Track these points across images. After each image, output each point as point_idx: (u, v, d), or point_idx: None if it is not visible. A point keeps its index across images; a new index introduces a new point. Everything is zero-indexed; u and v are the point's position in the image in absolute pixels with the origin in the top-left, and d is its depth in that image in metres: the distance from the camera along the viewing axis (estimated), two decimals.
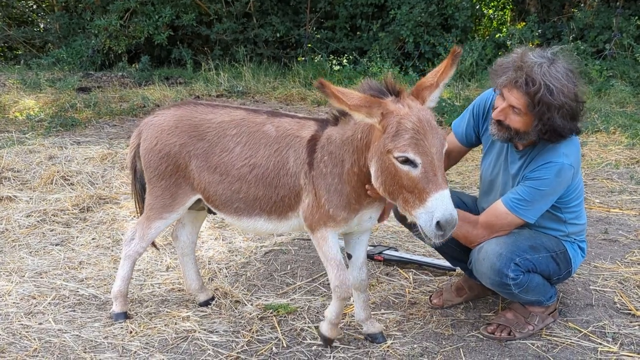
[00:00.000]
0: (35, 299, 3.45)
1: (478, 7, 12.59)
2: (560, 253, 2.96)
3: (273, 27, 12.46)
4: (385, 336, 3.02)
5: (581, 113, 2.74)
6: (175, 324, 3.18)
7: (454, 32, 11.41)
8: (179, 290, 3.60)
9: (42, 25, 14.41)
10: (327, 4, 12.52)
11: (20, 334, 3.08)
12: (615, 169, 5.89)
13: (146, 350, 2.94)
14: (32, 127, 7.59)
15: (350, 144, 2.59)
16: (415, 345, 2.95)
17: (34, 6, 14.66)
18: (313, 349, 2.95)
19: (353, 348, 2.95)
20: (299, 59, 12.48)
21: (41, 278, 3.72)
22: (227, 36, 12.44)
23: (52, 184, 5.38)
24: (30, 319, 3.24)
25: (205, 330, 3.12)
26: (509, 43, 10.79)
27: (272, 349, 2.95)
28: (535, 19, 11.40)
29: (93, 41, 12.17)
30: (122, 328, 3.14)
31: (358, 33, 12.47)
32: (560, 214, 2.93)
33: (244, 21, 12.64)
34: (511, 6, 13.36)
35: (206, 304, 3.40)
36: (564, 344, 2.94)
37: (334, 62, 12.15)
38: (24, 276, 3.73)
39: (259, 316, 3.27)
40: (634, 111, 8.18)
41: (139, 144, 3.10)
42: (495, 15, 13.40)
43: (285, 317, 3.26)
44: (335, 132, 2.67)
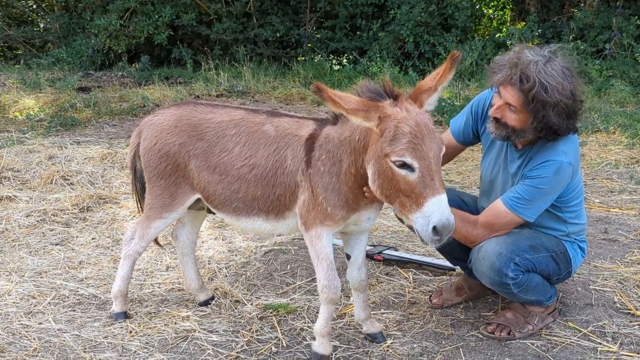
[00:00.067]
0: (35, 298, 3.45)
1: (478, 7, 12.60)
2: (560, 253, 2.96)
3: (273, 27, 12.47)
4: (385, 336, 3.02)
5: (579, 112, 2.74)
6: (175, 323, 3.18)
7: (454, 32, 11.41)
8: (179, 290, 3.60)
9: (42, 25, 14.42)
10: (327, 4, 12.52)
11: (20, 333, 3.08)
12: (615, 169, 5.89)
13: (146, 350, 2.94)
14: (32, 127, 7.59)
15: (348, 144, 2.59)
16: (415, 345, 2.95)
17: (34, 6, 14.66)
18: None
19: (353, 348, 2.95)
20: (298, 59, 12.48)
21: (41, 278, 3.72)
22: (227, 36, 12.44)
23: (52, 183, 5.39)
24: (30, 318, 3.24)
25: (205, 330, 3.12)
26: (509, 43, 10.79)
27: (272, 348, 2.95)
28: (535, 19, 11.40)
29: (93, 41, 12.17)
30: (122, 328, 3.14)
31: (358, 33, 12.47)
32: (560, 214, 2.93)
33: (243, 21, 12.65)
34: (511, 6, 13.36)
35: (206, 303, 3.40)
36: (563, 343, 2.94)
37: (334, 62, 12.15)
38: (24, 276, 3.73)
39: (259, 316, 3.27)
40: (633, 111, 8.18)
41: (139, 144, 3.10)
42: (495, 15, 13.41)
43: (285, 317, 3.26)
44: (333, 132, 2.67)
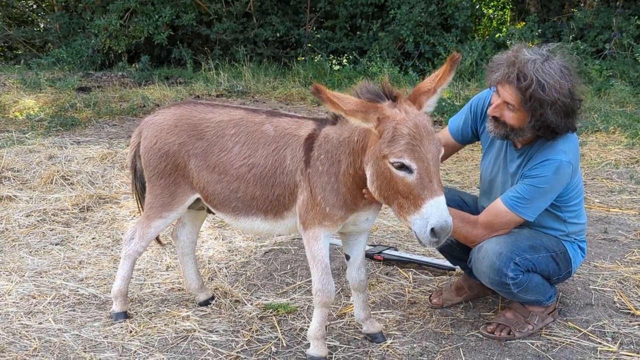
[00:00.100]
0: (35, 298, 3.46)
1: (478, 7, 12.60)
2: (560, 253, 2.96)
3: (273, 27, 12.47)
4: (385, 336, 3.02)
5: (578, 110, 2.73)
6: (175, 323, 3.19)
7: (454, 32, 11.41)
8: (179, 290, 3.60)
9: (42, 25, 14.42)
10: (327, 4, 12.52)
11: (20, 333, 3.08)
12: (615, 169, 5.89)
13: (146, 349, 2.94)
14: (32, 127, 7.59)
15: (347, 145, 2.58)
16: (414, 345, 2.95)
17: (34, 6, 14.67)
18: None
19: (353, 347, 2.95)
20: (298, 59, 12.49)
21: (41, 277, 3.72)
22: (227, 36, 12.44)
23: (52, 183, 5.39)
24: (30, 318, 3.24)
25: (205, 329, 3.12)
26: (509, 43, 10.78)
27: (272, 348, 2.95)
28: (535, 19, 11.40)
29: (93, 41, 12.18)
30: (122, 327, 3.14)
31: (358, 33, 12.47)
32: (560, 213, 2.93)
33: (243, 21, 12.65)
34: (511, 6, 13.37)
35: (206, 303, 3.40)
36: (563, 343, 2.94)
37: (334, 62, 12.15)
38: (24, 276, 3.73)
39: (259, 316, 3.27)
40: (633, 111, 8.18)
41: (140, 143, 3.10)
42: (495, 15, 13.41)
43: (285, 317, 3.26)
44: (332, 132, 2.66)
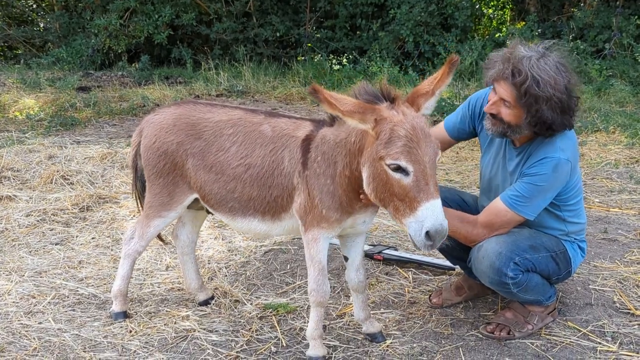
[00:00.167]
0: (34, 298, 3.46)
1: (478, 7, 12.59)
2: (560, 253, 2.95)
3: (273, 27, 12.46)
4: (385, 335, 3.02)
5: (575, 108, 2.73)
6: (175, 323, 3.19)
7: (454, 32, 11.40)
8: (179, 290, 3.60)
9: (42, 25, 14.41)
10: (327, 4, 12.51)
11: (19, 333, 3.08)
12: (615, 169, 5.89)
13: (146, 349, 2.94)
14: (32, 127, 7.59)
15: (344, 146, 2.57)
16: (414, 345, 2.95)
17: (34, 5, 14.66)
18: None
19: (353, 347, 2.96)
20: (298, 59, 12.48)
21: (41, 277, 3.72)
22: (227, 36, 12.44)
23: (52, 183, 5.39)
24: (29, 318, 3.24)
25: (204, 329, 3.13)
26: (509, 42, 10.77)
27: (272, 348, 2.95)
28: (535, 19, 11.39)
29: (93, 40, 12.17)
30: (122, 327, 3.14)
31: (358, 32, 12.47)
32: (560, 212, 2.93)
33: (243, 20, 12.64)
34: (511, 6, 13.36)
35: (206, 303, 3.40)
36: (563, 343, 2.94)
37: (334, 62, 12.14)
38: (24, 275, 3.73)
39: (259, 315, 3.27)
40: (633, 111, 8.17)
41: (140, 142, 3.10)
42: (495, 15, 13.41)
43: (284, 317, 3.26)
44: (329, 133, 2.66)
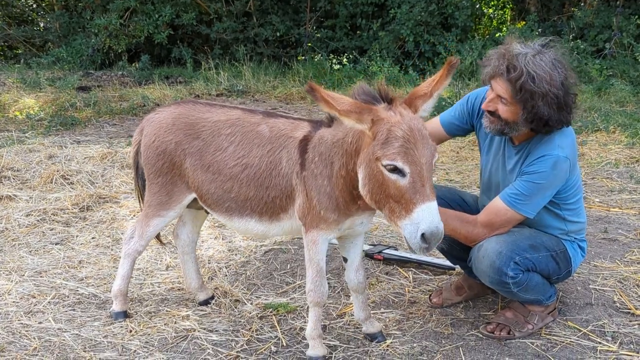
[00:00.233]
0: (35, 298, 3.46)
1: (478, 6, 12.59)
2: (560, 252, 2.95)
3: (273, 26, 12.47)
4: (385, 335, 3.02)
5: (572, 104, 2.73)
6: (175, 323, 3.19)
7: (454, 32, 11.40)
8: (179, 289, 3.60)
9: (42, 24, 14.42)
10: (327, 3, 12.51)
11: (20, 333, 3.08)
12: (615, 168, 5.88)
13: (146, 349, 2.94)
14: (32, 126, 7.59)
15: (341, 146, 2.56)
16: (414, 344, 2.95)
17: (34, 5, 14.67)
18: None
19: (353, 347, 2.96)
20: (299, 58, 12.48)
21: (41, 277, 3.72)
22: (227, 35, 12.44)
23: (52, 183, 5.39)
24: (30, 318, 3.24)
25: (204, 329, 3.12)
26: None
27: (272, 348, 2.95)
28: (535, 18, 11.39)
29: (93, 40, 12.18)
30: (122, 327, 3.14)
31: (358, 32, 12.47)
32: (559, 211, 2.93)
33: (244, 20, 12.65)
34: (511, 5, 13.37)
35: (206, 303, 3.40)
36: (563, 343, 2.94)
37: (334, 61, 12.15)
38: (24, 275, 3.73)
39: (259, 315, 3.27)
40: (633, 110, 8.17)
41: (141, 141, 3.11)
42: (495, 15, 13.41)
43: (284, 316, 3.26)
44: (327, 133, 2.64)
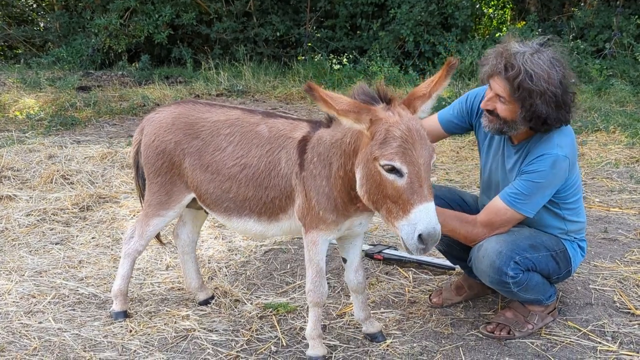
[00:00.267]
0: (35, 297, 3.46)
1: (478, 6, 12.59)
2: (560, 252, 2.95)
3: (273, 26, 12.47)
4: (385, 335, 3.02)
5: (570, 103, 2.73)
6: (175, 322, 3.19)
7: (454, 31, 11.40)
8: (179, 289, 3.60)
9: (42, 24, 14.41)
10: (327, 3, 12.51)
11: (20, 332, 3.08)
12: (615, 168, 5.88)
13: (146, 349, 2.94)
14: (32, 126, 7.60)
15: (339, 147, 2.55)
16: (414, 344, 2.95)
17: (34, 5, 14.66)
18: None
19: (353, 347, 2.96)
20: (299, 58, 12.48)
21: (41, 277, 3.72)
22: (227, 35, 12.44)
23: (52, 183, 5.39)
24: (30, 317, 3.24)
25: (204, 329, 3.13)
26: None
27: (272, 347, 2.95)
28: (535, 18, 11.39)
29: (93, 40, 12.18)
30: (122, 327, 3.14)
31: (358, 32, 12.47)
32: (559, 211, 2.93)
33: (244, 20, 12.65)
34: (511, 5, 13.37)
35: (206, 302, 3.40)
36: (563, 342, 2.94)
37: (334, 61, 12.15)
38: (24, 275, 3.73)
39: (259, 315, 3.27)
40: (633, 110, 8.17)
41: (141, 140, 3.11)
42: (495, 15, 13.41)
43: (284, 316, 3.26)
44: (326, 134, 2.64)
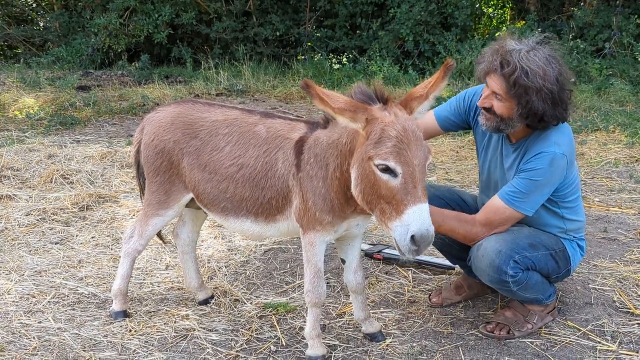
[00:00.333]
0: (35, 297, 3.46)
1: (478, 6, 12.59)
2: (559, 251, 2.95)
3: (273, 26, 12.46)
4: (385, 335, 3.02)
5: (567, 100, 2.72)
6: (175, 322, 3.19)
7: (454, 31, 11.40)
8: (179, 289, 3.61)
9: (42, 24, 14.41)
10: (327, 3, 12.51)
11: (20, 332, 3.08)
12: (615, 168, 5.88)
13: (145, 349, 2.94)
14: (32, 126, 7.59)
15: (336, 147, 2.55)
16: (414, 344, 2.95)
17: (34, 5, 14.66)
18: None
19: (352, 347, 2.96)
20: (299, 58, 12.49)
21: (41, 277, 3.72)
22: (227, 35, 12.44)
23: (52, 182, 5.39)
24: (30, 317, 3.24)
25: (204, 329, 3.13)
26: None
27: (272, 347, 2.95)
28: (535, 18, 11.39)
29: (93, 40, 12.17)
30: (122, 327, 3.14)
31: (358, 32, 12.47)
32: (558, 210, 2.93)
33: (244, 20, 12.65)
34: (511, 5, 13.37)
35: (206, 302, 3.40)
36: (563, 342, 2.94)
37: (334, 61, 12.16)
38: (24, 275, 3.73)
39: (259, 315, 3.27)
40: (633, 110, 8.17)
41: (142, 139, 3.11)
42: (495, 14, 13.41)
43: (284, 316, 3.26)
44: (323, 135, 2.64)
